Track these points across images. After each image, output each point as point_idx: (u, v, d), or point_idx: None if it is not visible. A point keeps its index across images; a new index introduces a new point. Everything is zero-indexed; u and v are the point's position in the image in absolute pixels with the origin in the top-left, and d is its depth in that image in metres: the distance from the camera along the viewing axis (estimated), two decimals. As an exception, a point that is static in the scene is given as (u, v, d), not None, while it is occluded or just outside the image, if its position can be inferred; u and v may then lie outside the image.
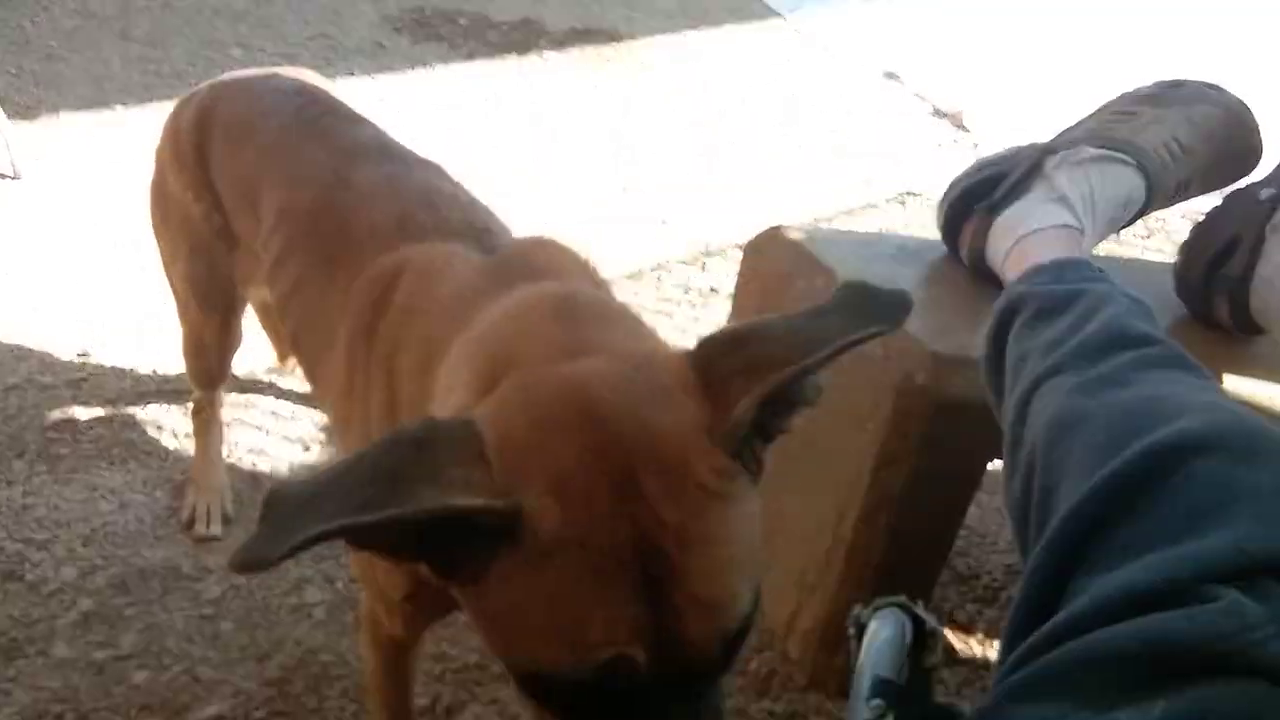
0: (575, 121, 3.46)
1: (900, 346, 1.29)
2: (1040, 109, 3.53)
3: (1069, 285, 0.99)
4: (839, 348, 0.70)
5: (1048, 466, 0.79)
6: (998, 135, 3.42)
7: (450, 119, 3.36)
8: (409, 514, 0.60)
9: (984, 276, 1.38)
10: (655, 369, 0.74)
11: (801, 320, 0.74)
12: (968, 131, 3.56)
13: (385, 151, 1.24)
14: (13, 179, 2.78)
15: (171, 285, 1.65)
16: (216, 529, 1.76)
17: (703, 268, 2.91)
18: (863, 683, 0.83)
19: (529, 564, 0.64)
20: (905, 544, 1.41)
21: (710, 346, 0.74)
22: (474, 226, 1.11)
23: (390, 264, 1.05)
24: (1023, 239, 1.21)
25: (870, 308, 0.74)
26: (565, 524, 0.64)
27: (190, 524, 1.76)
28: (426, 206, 1.12)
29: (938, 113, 3.72)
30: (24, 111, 3.09)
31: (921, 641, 0.90)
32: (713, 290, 2.83)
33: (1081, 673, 0.56)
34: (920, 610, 0.91)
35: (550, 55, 3.95)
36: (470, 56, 3.89)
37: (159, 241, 1.60)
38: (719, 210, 2.97)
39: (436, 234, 1.08)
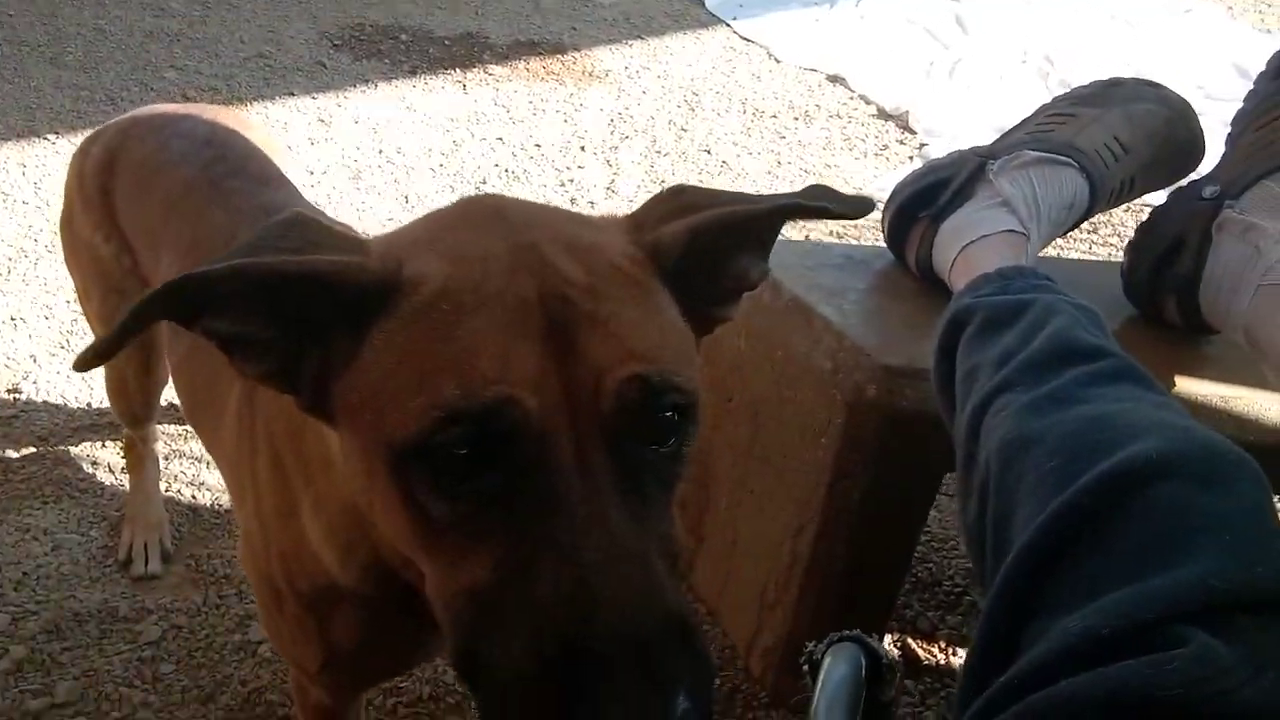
0: (521, 134, 3.42)
1: (850, 360, 1.27)
2: (984, 108, 3.57)
3: (1015, 295, 0.97)
4: (781, 206, 0.70)
5: (1001, 491, 0.77)
6: (944, 135, 3.44)
7: (393, 136, 3.30)
8: (265, 266, 0.59)
9: (933, 284, 1.37)
10: (590, 216, 0.75)
11: (747, 195, 0.74)
12: (914, 133, 3.58)
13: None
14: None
15: (89, 321, 1.59)
16: (156, 566, 1.70)
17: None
18: (820, 724, 0.81)
19: (410, 321, 0.61)
20: (865, 558, 1.40)
21: (650, 201, 0.74)
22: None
23: None
24: (968, 246, 1.20)
25: (829, 197, 0.73)
26: (453, 279, 0.61)
27: (128, 563, 1.69)
28: None
29: (883, 114, 3.74)
30: (-53, 140, 2.98)
31: (878, 675, 0.88)
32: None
33: None
34: (875, 644, 0.89)
35: (494, 69, 3.90)
36: (413, 72, 3.83)
37: (72, 276, 1.54)
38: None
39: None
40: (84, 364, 0.60)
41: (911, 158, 3.42)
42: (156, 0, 4.23)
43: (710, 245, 0.70)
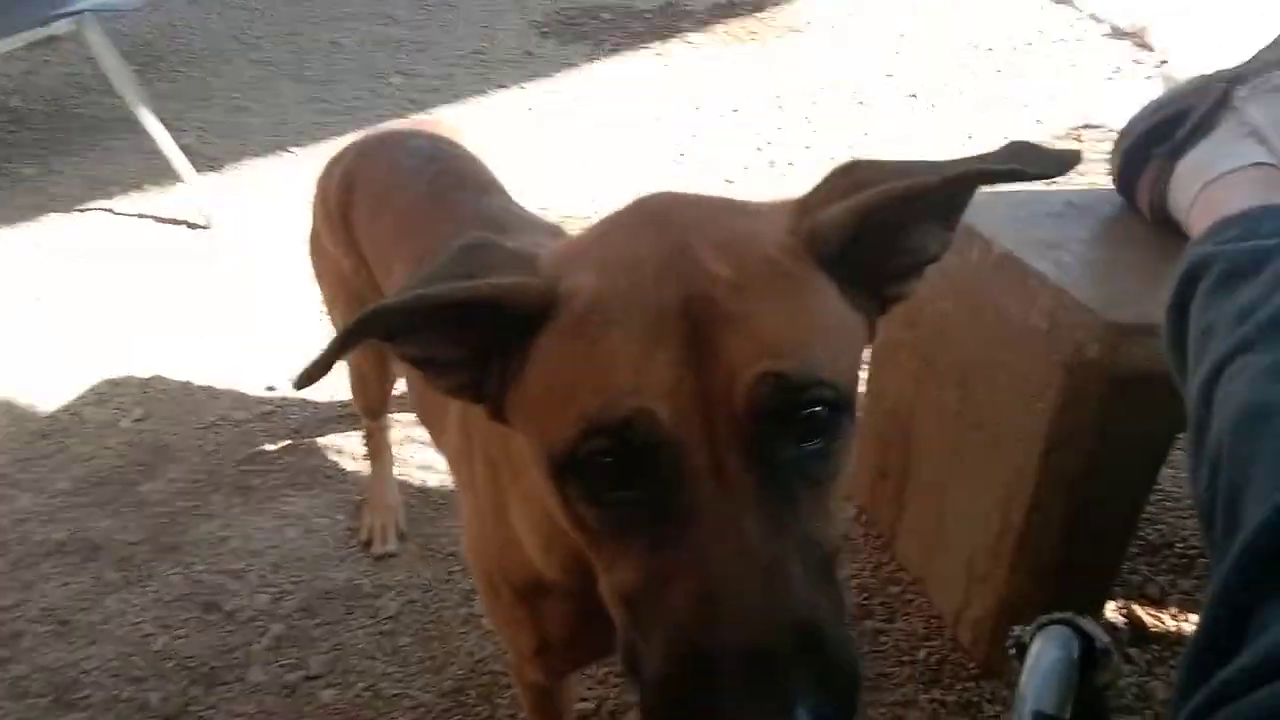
0: (719, 100, 3.37)
1: (1069, 318, 1.15)
2: (1235, 23, 3.12)
3: (1260, 241, 0.83)
4: (957, 175, 0.64)
5: (1235, 463, 0.67)
6: (1186, 55, 3.04)
7: (598, 112, 3.36)
8: (436, 295, 0.61)
9: (1168, 230, 1.20)
10: (753, 203, 0.72)
11: (930, 162, 0.67)
12: (1151, 51, 3.19)
13: (509, 224, 1.24)
14: (204, 228, 3.02)
15: (333, 325, 1.74)
16: (393, 545, 1.84)
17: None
18: (1023, 711, 0.74)
19: (564, 335, 0.62)
20: (1082, 528, 1.27)
21: (821, 180, 0.70)
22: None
23: None
24: (1210, 184, 1.04)
25: (1029, 155, 0.65)
26: (602, 291, 0.62)
27: (368, 543, 1.85)
28: None
29: (1116, 33, 3.36)
30: (210, 163, 3.35)
31: (1093, 659, 0.79)
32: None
33: None
34: (1090, 626, 0.80)
35: (693, 36, 3.88)
36: (615, 50, 3.88)
37: (319, 286, 1.69)
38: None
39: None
40: (303, 381, 0.64)
41: (1149, 78, 3.06)
42: (384, 9, 4.55)
43: (879, 224, 0.66)
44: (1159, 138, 1.15)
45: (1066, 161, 0.65)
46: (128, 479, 2.06)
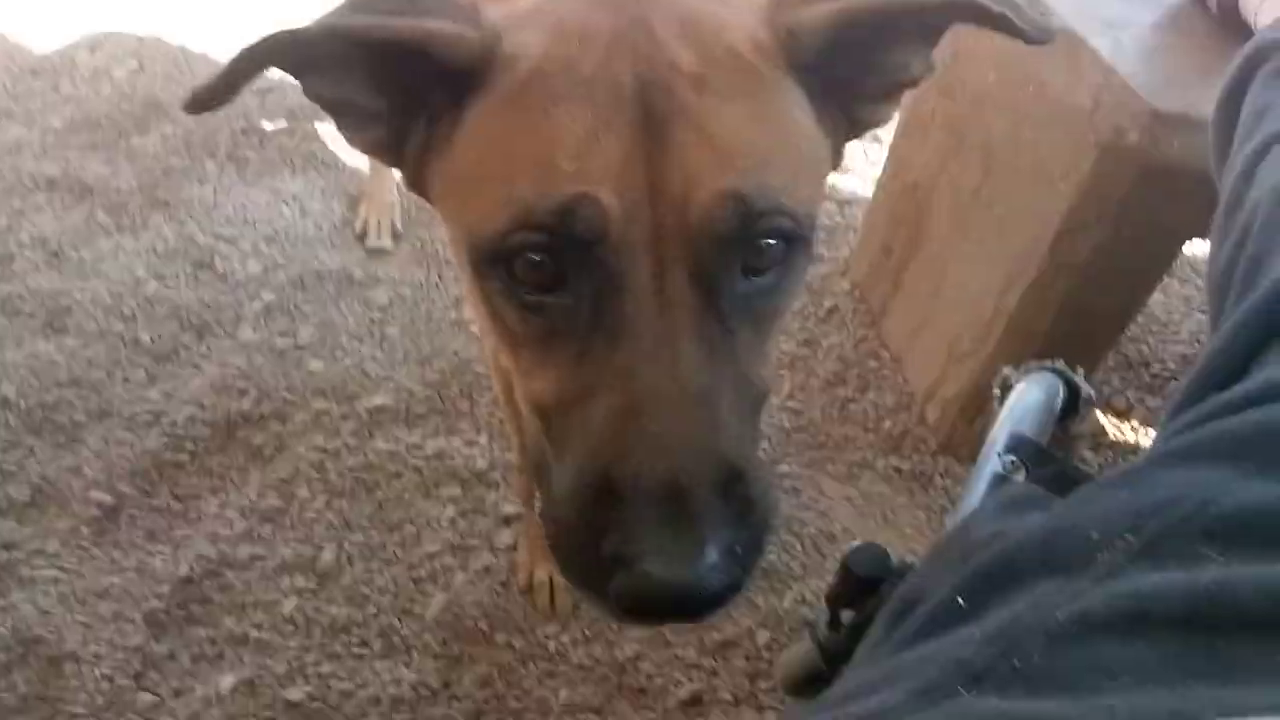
0: None
1: (1115, 99, 1.13)
2: None
3: None
4: (958, 1, 0.58)
5: (1267, 228, 0.67)
6: None
7: None
8: (353, 28, 0.54)
9: (1232, 29, 1.17)
10: None
11: None
12: None
13: None
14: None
15: None
16: (387, 242, 1.84)
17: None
18: (1000, 436, 0.79)
19: (501, 104, 0.55)
20: (1076, 319, 1.31)
21: None
22: None
23: None
24: (1288, -20, 1.00)
25: (1022, 11, 0.60)
26: (549, 57, 0.55)
27: (363, 235, 1.85)
28: None
29: None
30: None
31: (1074, 409, 0.84)
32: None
33: (1255, 443, 0.48)
34: (1077, 376, 0.85)
35: None
36: None
37: None
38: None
39: None
40: (192, 106, 0.56)
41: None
42: None
43: (862, 34, 0.59)
44: None
45: (1048, 34, 0.61)
46: (120, 127, 2.01)
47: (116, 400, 1.47)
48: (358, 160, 2.03)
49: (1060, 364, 0.86)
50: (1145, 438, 1.54)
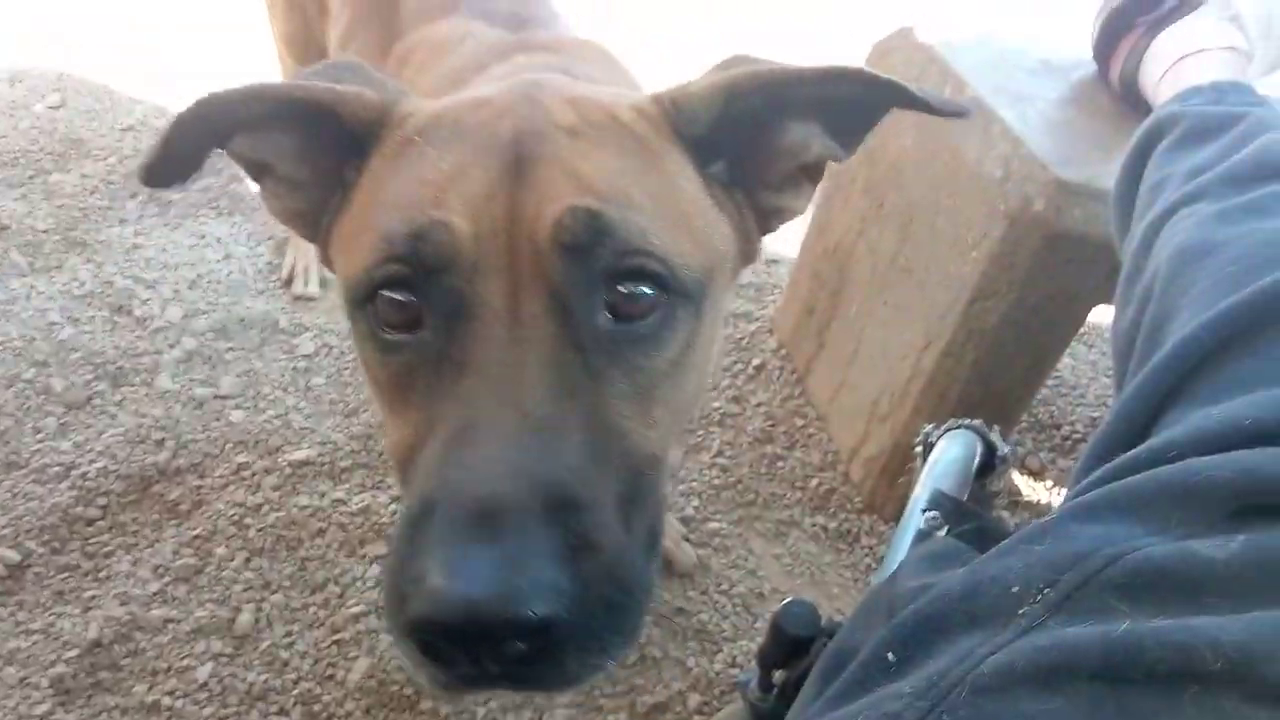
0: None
1: (1023, 170, 1.20)
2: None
3: (1227, 108, 0.88)
4: (835, 70, 0.60)
5: (1166, 296, 0.72)
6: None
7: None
8: (274, 89, 0.59)
9: (1131, 103, 1.26)
10: (613, 91, 0.69)
11: (806, 66, 0.64)
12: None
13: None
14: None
15: (276, 45, 1.63)
16: (314, 288, 1.82)
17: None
18: (922, 494, 0.82)
19: (387, 157, 0.60)
20: (989, 383, 1.36)
21: (702, 75, 0.66)
22: (518, 15, 1.07)
23: (409, 44, 1.07)
24: (1185, 59, 1.08)
25: (866, 76, 0.63)
26: (438, 117, 0.60)
27: (289, 281, 1.82)
28: None
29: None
30: None
31: (991, 467, 0.88)
32: (830, 107, 2.69)
33: (1160, 499, 0.52)
34: (994, 435, 0.88)
35: None
36: None
37: (271, 16, 1.58)
38: (840, 11, 2.77)
39: (470, 13, 1.06)
40: (144, 176, 0.60)
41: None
42: None
43: (754, 110, 0.62)
44: (1143, 9, 1.19)
45: (959, 110, 0.68)
46: (39, 164, 1.95)
47: (25, 451, 1.41)
48: (285, 208, 2.01)
49: (979, 423, 0.90)
50: (1058, 497, 1.60)
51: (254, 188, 1.98)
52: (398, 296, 0.55)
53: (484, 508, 0.46)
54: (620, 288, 0.55)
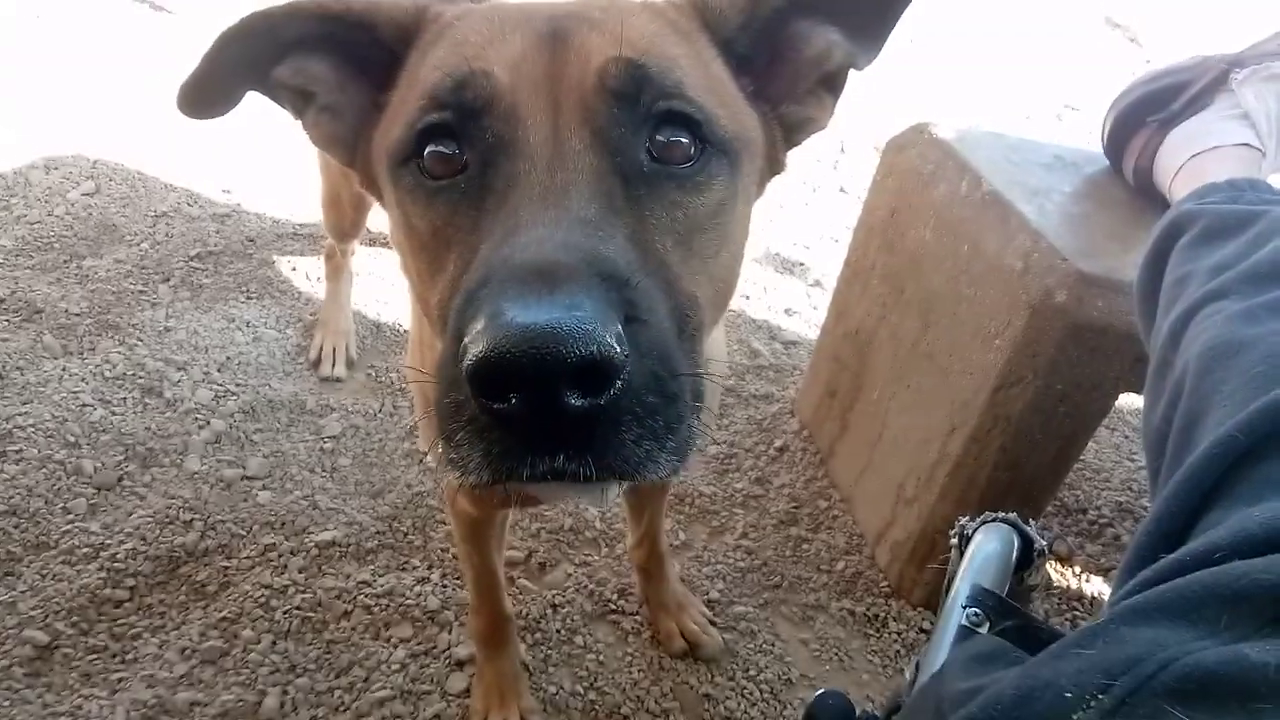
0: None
1: (1043, 262, 1.23)
2: (1223, 25, 3.23)
3: (1245, 206, 0.90)
4: None
5: (1196, 394, 0.73)
6: (1173, 53, 3.16)
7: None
8: (312, 6, 0.62)
9: (1146, 196, 1.30)
10: None
11: None
12: (1140, 46, 3.29)
13: None
14: (166, 12, 2.87)
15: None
16: (341, 370, 1.85)
17: (834, 166, 2.82)
18: (961, 590, 0.82)
19: (424, 47, 0.63)
20: (1015, 469, 1.37)
21: None
22: None
23: None
24: (1198, 155, 1.12)
25: None
26: (471, 12, 0.63)
27: (317, 363, 1.85)
28: None
29: (1110, 23, 3.45)
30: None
31: (1028, 560, 0.88)
32: (841, 190, 2.75)
33: (1209, 602, 0.52)
34: (1030, 528, 0.89)
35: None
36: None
37: None
38: (857, 109, 2.84)
39: None
40: (182, 99, 0.66)
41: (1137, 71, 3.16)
42: None
43: (779, 16, 0.66)
44: (1155, 106, 1.23)
45: None
46: (73, 249, 2.00)
47: (55, 531, 1.42)
48: (313, 288, 2.05)
49: (1014, 516, 0.90)
50: (1087, 584, 1.59)
51: (283, 271, 2.05)
52: (442, 148, 0.58)
53: (542, 269, 0.46)
54: (659, 135, 0.58)
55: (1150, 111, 1.24)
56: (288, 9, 0.62)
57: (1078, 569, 1.62)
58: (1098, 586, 1.58)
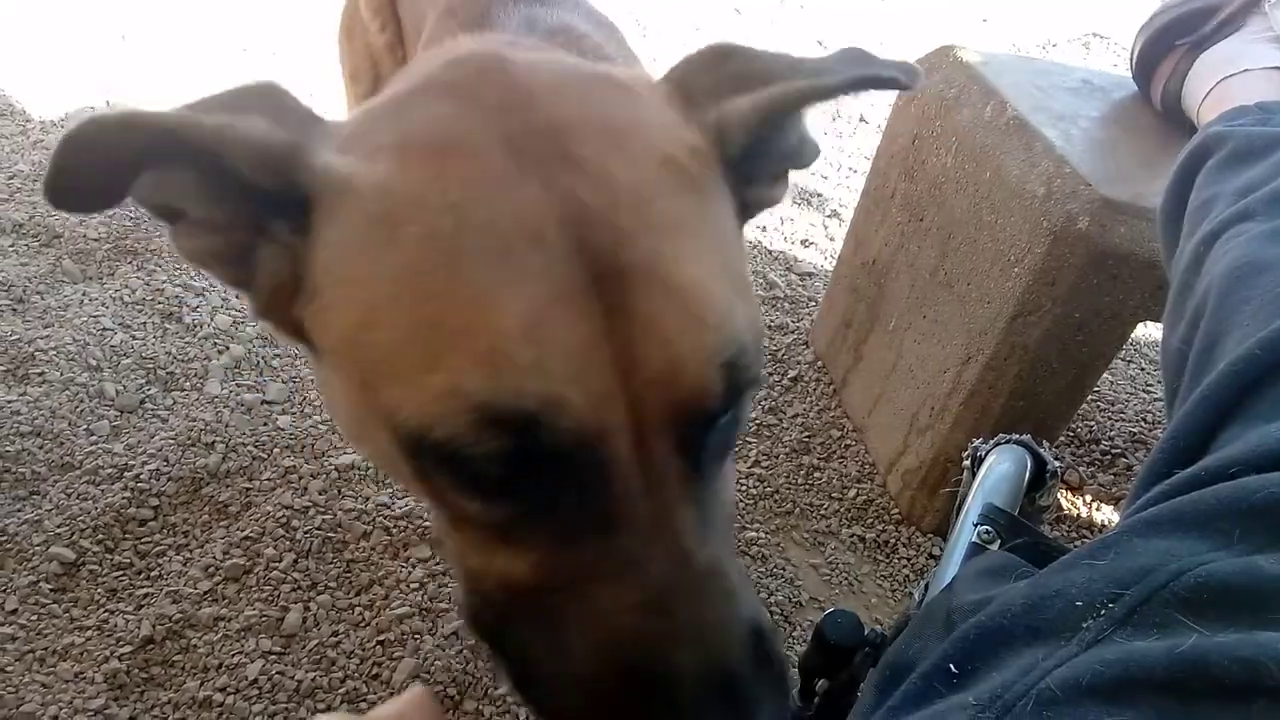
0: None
1: (1066, 188, 1.21)
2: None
3: (1275, 128, 0.88)
4: (857, 77, 0.57)
5: (1218, 315, 0.72)
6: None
7: None
8: (150, 118, 0.46)
9: (1175, 121, 1.27)
10: (625, 77, 0.58)
11: (792, 58, 0.60)
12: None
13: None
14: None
15: (346, 96, 1.64)
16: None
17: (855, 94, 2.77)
18: (973, 508, 0.83)
19: (365, 240, 0.47)
20: (1030, 398, 1.37)
21: (688, 63, 0.59)
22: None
23: None
24: (1228, 79, 1.09)
25: (875, 66, 0.59)
26: (413, 184, 0.47)
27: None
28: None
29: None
30: None
31: (1041, 481, 0.89)
32: (862, 120, 2.71)
33: (1223, 514, 0.53)
34: (1044, 450, 0.89)
35: None
36: None
37: (341, 51, 1.58)
38: (881, 36, 2.79)
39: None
40: (49, 197, 0.49)
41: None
42: None
43: (775, 125, 0.59)
44: (1185, 30, 1.20)
45: (910, 73, 0.62)
46: (90, 177, 2.00)
47: (79, 453, 1.45)
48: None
49: (1028, 438, 0.91)
50: (1097, 512, 1.60)
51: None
52: (494, 468, 0.47)
53: (720, 679, 0.47)
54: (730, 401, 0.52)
55: (1180, 35, 1.20)
56: (121, 123, 0.46)
57: (1089, 498, 1.63)
58: (1108, 515, 1.59)
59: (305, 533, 1.40)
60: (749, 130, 0.55)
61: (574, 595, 0.48)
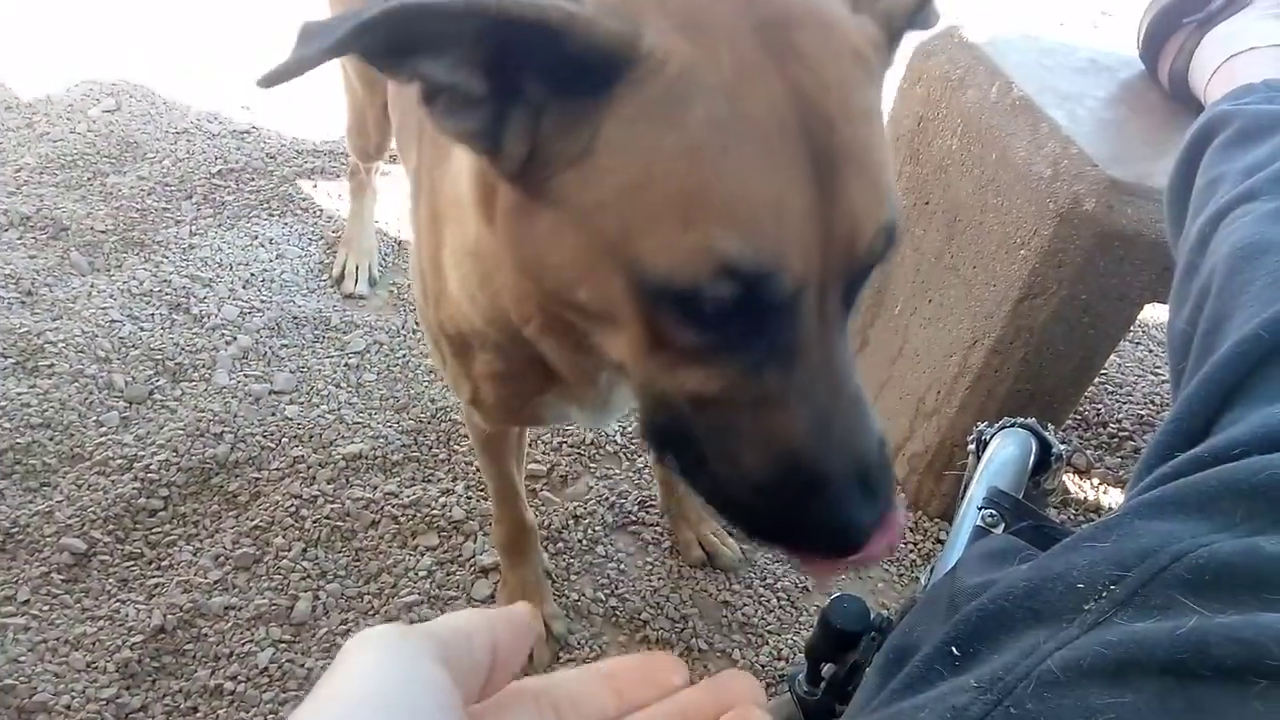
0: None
1: (1072, 169, 1.20)
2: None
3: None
4: None
5: (1223, 295, 0.72)
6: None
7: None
8: (498, 6, 0.49)
9: (1182, 101, 1.26)
10: None
11: None
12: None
13: None
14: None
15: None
16: (364, 288, 1.86)
17: None
18: (977, 492, 0.83)
19: (657, 124, 0.53)
20: (1036, 381, 1.37)
21: None
22: None
23: None
24: (1235, 56, 1.08)
25: None
26: (700, 65, 0.53)
27: (340, 280, 1.86)
28: None
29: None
30: None
31: (1046, 465, 0.88)
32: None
33: (1226, 496, 0.52)
34: (1049, 434, 0.89)
35: None
36: None
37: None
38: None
39: None
40: (270, 79, 0.52)
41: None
42: None
43: (923, 4, 0.65)
44: (1191, 8, 1.18)
45: None
46: (96, 167, 2.01)
47: (89, 444, 1.46)
48: (334, 205, 2.05)
49: (1033, 421, 0.90)
50: (1105, 495, 1.60)
51: (304, 188, 2.05)
52: (716, 309, 0.56)
53: (866, 474, 0.60)
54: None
55: (1187, 12, 1.19)
56: (466, 7, 0.49)
57: (1096, 481, 1.62)
58: (1116, 498, 1.59)
59: (314, 522, 1.41)
60: (910, 15, 0.63)
61: (753, 411, 0.59)
